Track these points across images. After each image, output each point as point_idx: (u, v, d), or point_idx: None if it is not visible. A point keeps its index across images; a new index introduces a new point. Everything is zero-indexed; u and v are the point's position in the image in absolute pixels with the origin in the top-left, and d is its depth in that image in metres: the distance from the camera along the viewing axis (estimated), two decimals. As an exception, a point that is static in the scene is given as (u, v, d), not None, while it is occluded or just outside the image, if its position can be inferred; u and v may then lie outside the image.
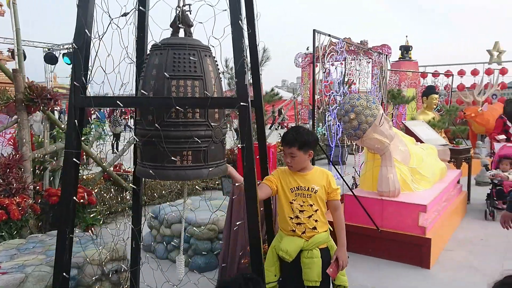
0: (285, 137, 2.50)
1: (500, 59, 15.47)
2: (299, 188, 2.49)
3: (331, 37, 4.80)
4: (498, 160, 5.90)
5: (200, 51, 2.12)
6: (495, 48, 15.56)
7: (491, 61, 15.43)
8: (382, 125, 4.36)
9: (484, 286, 3.75)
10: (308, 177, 2.52)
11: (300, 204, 2.48)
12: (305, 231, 2.47)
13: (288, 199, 2.50)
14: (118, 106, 1.89)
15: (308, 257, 2.45)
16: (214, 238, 4.12)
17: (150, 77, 2.08)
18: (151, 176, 2.11)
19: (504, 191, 5.61)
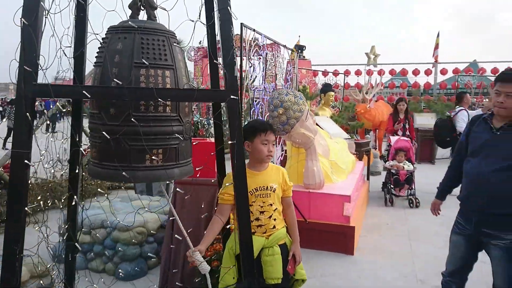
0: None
1: (376, 61, 17.32)
2: (258, 189, 2.38)
3: (255, 32, 4.80)
4: (395, 152, 6.59)
5: (169, 37, 1.91)
6: (372, 51, 17.35)
7: (368, 63, 17.20)
8: (307, 120, 4.51)
9: (401, 266, 4.13)
10: (265, 175, 2.43)
11: (260, 205, 2.39)
12: (266, 231, 2.41)
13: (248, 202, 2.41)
14: (83, 97, 1.59)
15: (269, 255, 2.39)
16: (143, 241, 3.81)
17: (111, 65, 1.80)
18: (114, 178, 1.83)
19: (400, 180, 6.31)
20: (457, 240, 2.77)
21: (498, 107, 2.45)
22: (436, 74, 15.46)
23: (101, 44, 1.91)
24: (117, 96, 1.63)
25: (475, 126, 2.67)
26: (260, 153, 2.36)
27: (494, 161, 2.46)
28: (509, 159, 2.42)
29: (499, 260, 2.54)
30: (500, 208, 2.47)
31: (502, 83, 2.44)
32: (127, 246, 3.72)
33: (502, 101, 2.42)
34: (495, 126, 2.51)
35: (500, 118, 2.51)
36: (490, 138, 2.51)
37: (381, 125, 11.06)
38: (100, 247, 3.84)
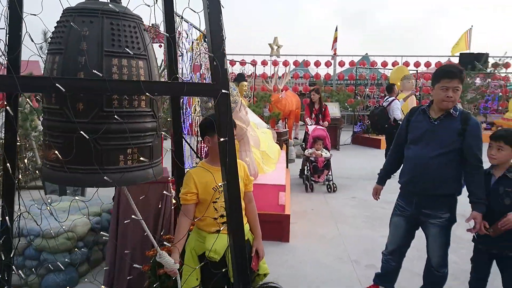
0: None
1: (278, 52, 17.91)
2: (221, 185, 2.33)
3: (183, 19, 4.58)
4: (313, 141, 6.91)
5: (139, 23, 1.71)
6: (275, 42, 17.89)
7: (272, 54, 17.72)
8: (241, 112, 4.49)
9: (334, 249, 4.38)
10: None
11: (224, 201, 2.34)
12: None
13: (211, 199, 2.34)
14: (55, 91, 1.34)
15: None
16: (72, 248, 3.43)
17: (76, 53, 1.55)
18: (83, 183, 1.60)
19: (319, 166, 6.66)
20: (398, 221, 3.02)
21: (447, 101, 2.70)
22: (335, 66, 16.56)
23: (56, 28, 1.64)
24: (98, 90, 1.41)
25: (414, 116, 2.93)
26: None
27: (434, 148, 2.73)
28: (446, 146, 2.72)
29: (436, 236, 2.85)
30: (439, 190, 2.76)
31: (450, 80, 2.68)
32: (54, 254, 3.32)
33: (451, 95, 2.67)
34: (433, 117, 2.79)
35: (437, 110, 2.79)
36: (429, 128, 2.78)
37: (290, 114, 11.53)
38: (19, 259, 3.37)
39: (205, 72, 5.96)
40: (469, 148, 2.68)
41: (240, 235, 1.66)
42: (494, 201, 2.64)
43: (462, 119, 2.71)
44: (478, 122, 2.74)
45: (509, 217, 2.54)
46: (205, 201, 2.34)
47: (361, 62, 16.66)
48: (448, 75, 2.69)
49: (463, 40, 17.85)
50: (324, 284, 3.51)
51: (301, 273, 3.73)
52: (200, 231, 2.41)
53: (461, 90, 2.71)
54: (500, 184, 2.64)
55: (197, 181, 2.32)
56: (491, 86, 14.97)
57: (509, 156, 2.63)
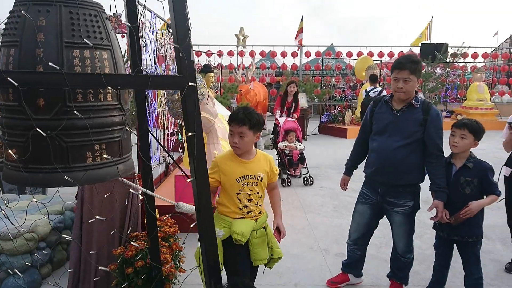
0: (236, 116, 2.32)
1: (245, 42, 17.80)
2: (245, 177, 2.38)
3: (145, 8, 4.43)
4: (285, 133, 6.80)
5: (100, 12, 1.61)
6: (241, 33, 17.76)
7: (238, 44, 17.59)
8: (208, 104, 4.42)
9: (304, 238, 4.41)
10: (253, 164, 2.42)
11: (247, 193, 2.39)
12: (255, 216, 2.43)
13: (234, 190, 2.37)
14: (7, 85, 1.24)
15: (257, 237, 2.41)
16: (34, 249, 3.28)
17: (33, 45, 1.44)
18: (49, 183, 1.51)
19: (294, 159, 6.59)
20: (362, 209, 3.08)
21: (399, 92, 2.75)
22: (301, 56, 16.64)
23: (9, 18, 1.52)
24: (56, 84, 1.32)
25: (377, 107, 2.96)
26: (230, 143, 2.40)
27: (397, 139, 2.79)
28: (409, 136, 2.78)
29: (401, 223, 2.93)
30: (403, 179, 2.83)
31: (399, 70, 2.73)
32: (14, 257, 3.15)
33: (401, 86, 2.72)
34: (396, 108, 2.83)
35: (399, 101, 2.83)
36: (392, 119, 2.83)
37: (258, 105, 11.51)
38: (-22, 262, 3.18)
39: (170, 64, 5.82)
40: (430, 138, 2.75)
41: (210, 232, 1.61)
42: (455, 191, 2.72)
43: (424, 109, 2.75)
44: (439, 112, 2.81)
45: (471, 206, 2.64)
46: (228, 189, 2.39)
47: (326, 52, 16.86)
48: (397, 66, 2.73)
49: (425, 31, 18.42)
50: (295, 275, 3.54)
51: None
52: (224, 217, 2.43)
53: (415, 80, 2.72)
54: (460, 174, 2.72)
55: (222, 167, 2.39)
56: (451, 76, 15.54)
57: (470, 145, 2.71)
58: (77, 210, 2.84)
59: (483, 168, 2.70)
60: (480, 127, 2.73)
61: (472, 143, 2.72)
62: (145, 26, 4.47)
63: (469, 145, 2.72)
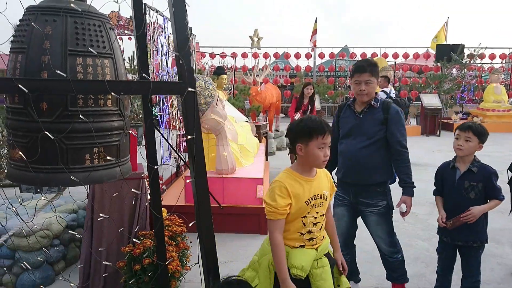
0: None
1: (259, 44, 17.90)
2: (314, 198, 2.06)
3: (158, 13, 4.55)
4: None
5: (104, 22, 1.70)
6: (255, 34, 17.87)
7: (252, 46, 17.70)
8: (217, 106, 4.50)
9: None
10: (318, 181, 2.11)
11: (314, 217, 2.06)
12: (316, 243, 2.09)
13: (301, 214, 2.03)
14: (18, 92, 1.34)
15: (319, 267, 2.08)
16: (48, 246, 3.41)
17: (39, 52, 1.54)
18: (48, 182, 1.60)
19: None
20: (340, 211, 3.09)
21: (361, 94, 2.83)
22: (315, 58, 16.64)
23: (19, 26, 1.62)
24: (61, 90, 1.41)
25: (342, 112, 3.05)
26: (317, 159, 2.01)
27: (361, 140, 2.86)
28: (372, 136, 2.84)
29: (377, 224, 2.97)
30: (372, 179, 2.88)
31: (360, 73, 2.81)
32: (29, 253, 3.29)
33: (363, 88, 2.80)
34: (358, 110, 2.91)
35: (360, 103, 2.91)
36: (355, 121, 2.90)
37: (271, 107, 11.57)
38: (-5, 259, 3.33)
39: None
40: (392, 136, 2.81)
41: (208, 231, 1.68)
42: (460, 195, 2.70)
43: (384, 108, 2.83)
44: (398, 110, 2.87)
45: (472, 211, 2.62)
46: (295, 214, 2.03)
47: (340, 54, 16.81)
48: (358, 69, 2.82)
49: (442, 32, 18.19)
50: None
51: (278, 264, 3.79)
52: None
53: (375, 82, 2.81)
54: (465, 178, 2.70)
55: (290, 191, 2.00)
56: (467, 77, 15.31)
57: (474, 148, 2.70)
58: (88, 209, 2.95)
59: (487, 172, 2.68)
60: (484, 130, 2.71)
61: (477, 146, 2.70)
62: (157, 31, 4.58)
63: (474, 148, 2.71)
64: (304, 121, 2.04)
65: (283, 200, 1.96)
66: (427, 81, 15.00)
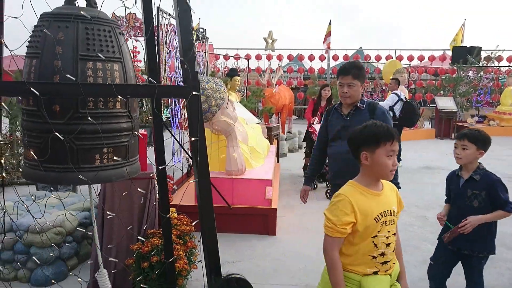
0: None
1: (273, 46, 17.94)
2: (384, 214, 1.82)
3: (171, 16, 4.64)
4: None
5: (114, 27, 1.78)
6: (269, 36, 17.93)
7: (266, 48, 17.75)
8: (228, 108, 4.56)
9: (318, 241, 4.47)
10: (385, 196, 1.88)
11: (386, 236, 1.82)
12: (390, 268, 1.87)
13: (371, 233, 1.80)
14: (30, 95, 1.42)
15: None
16: (61, 242, 3.52)
17: (52, 56, 1.62)
18: (60, 181, 1.68)
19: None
20: None
21: (344, 97, 2.86)
22: (329, 60, 16.60)
23: (33, 32, 1.71)
24: (70, 93, 1.49)
25: (330, 116, 3.06)
26: (384, 168, 1.81)
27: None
28: None
29: None
30: None
31: (343, 76, 2.84)
32: (43, 249, 3.40)
33: (346, 91, 2.82)
34: (344, 113, 2.94)
35: (346, 106, 2.93)
36: (342, 124, 2.92)
37: (283, 108, 11.60)
38: (9, 253, 3.45)
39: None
40: None
41: (211, 231, 1.74)
42: (463, 204, 2.66)
43: (370, 110, 2.83)
44: (384, 109, 2.87)
45: (470, 219, 2.55)
46: (363, 234, 1.80)
47: (355, 56, 16.74)
48: (341, 72, 2.84)
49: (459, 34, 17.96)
50: (307, 276, 3.61)
51: (284, 265, 3.83)
52: (349, 273, 1.84)
53: (359, 85, 2.82)
54: (467, 186, 2.66)
55: (356, 207, 1.78)
56: (484, 80, 15.07)
57: (474, 155, 2.64)
58: (99, 207, 3.04)
59: (490, 180, 2.61)
60: (482, 135, 2.65)
61: (476, 152, 2.64)
62: (170, 34, 4.67)
63: (472, 155, 2.65)
64: (369, 127, 1.87)
65: (345, 217, 1.76)
66: (442, 84, 14.82)
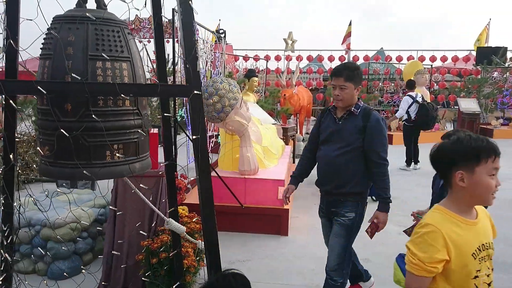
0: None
1: (293, 47, 17.91)
2: (482, 248, 1.51)
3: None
4: None
5: (123, 28, 1.84)
6: (289, 37, 17.90)
7: (286, 49, 17.73)
8: (241, 108, 4.60)
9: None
10: (482, 224, 1.56)
11: (487, 274, 1.52)
12: None
13: (470, 274, 1.48)
14: (38, 94, 1.48)
15: None
16: (76, 238, 3.63)
17: (62, 57, 1.68)
18: (73, 177, 1.75)
19: None
20: (323, 222, 2.97)
21: (336, 99, 2.69)
22: (349, 60, 16.45)
23: (47, 34, 1.78)
24: (76, 92, 1.55)
25: (323, 117, 2.89)
26: (487, 190, 1.46)
27: (339, 146, 2.71)
28: (349, 144, 2.68)
29: (336, 234, 2.76)
30: (344, 187, 2.71)
31: (336, 78, 2.67)
32: (58, 244, 3.51)
33: (338, 93, 2.66)
34: (337, 116, 2.76)
35: (340, 109, 2.76)
36: (334, 127, 2.75)
37: (302, 109, 11.57)
38: (28, 247, 3.58)
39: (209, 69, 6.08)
40: (369, 145, 2.65)
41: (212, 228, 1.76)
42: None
43: (363, 116, 2.66)
44: (379, 118, 2.68)
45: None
46: (459, 274, 1.48)
47: (375, 56, 16.54)
48: (334, 73, 2.69)
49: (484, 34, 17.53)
50: (318, 277, 3.60)
51: (296, 265, 3.83)
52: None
53: (353, 88, 2.64)
54: (444, 189, 2.64)
55: (449, 241, 1.45)
56: (509, 81, 14.65)
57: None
58: (111, 203, 3.12)
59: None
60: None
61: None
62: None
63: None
64: (463, 140, 1.48)
65: (436, 253, 1.43)
66: (466, 85, 14.48)
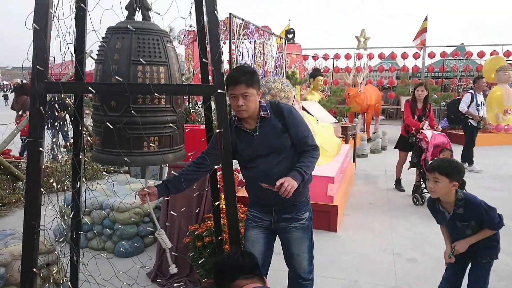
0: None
1: (366, 45, 17.48)
2: None
3: (244, 21, 4.99)
4: (440, 151, 5.45)
5: (162, 36, 2.13)
6: (362, 35, 17.48)
7: (358, 47, 17.36)
8: (294, 107, 4.76)
9: (379, 241, 4.44)
10: None
11: None
12: None
13: None
14: (88, 93, 1.82)
15: None
16: (139, 222, 4.08)
17: (111, 62, 2.02)
18: (116, 162, 2.08)
19: None
20: (254, 234, 2.61)
21: (240, 111, 2.31)
22: (424, 57, 15.70)
23: (101, 43, 2.13)
24: (118, 91, 1.86)
25: (233, 136, 2.42)
26: None
27: (271, 157, 2.43)
28: (281, 150, 2.43)
29: (301, 239, 2.57)
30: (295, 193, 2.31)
31: (234, 86, 2.26)
32: (125, 226, 3.99)
33: (241, 103, 2.27)
34: (250, 129, 2.42)
35: (249, 120, 2.42)
36: (254, 142, 2.41)
37: (369, 109, 11.36)
38: (100, 227, 4.11)
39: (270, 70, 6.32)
40: (296, 136, 2.41)
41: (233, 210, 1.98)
42: (457, 234, 2.62)
43: (276, 114, 2.43)
44: (290, 108, 2.47)
45: (457, 247, 2.58)
46: None
47: (454, 52, 15.58)
48: (231, 81, 2.27)
49: None
50: (358, 272, 3.66)
51: (338, 260, 3.92)
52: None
53: (255, 93, 2.30)
54: (454, 219, 2.57)
55: None
56: None
57: (447, 188, 2.48)
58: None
59: (474, 208, 2.48)
60: (453, 166, 2.47)
61: (450, 185, 2.47)
62: (242, 37, 5.03)
63: (445, 188, 2.48)
64: None
65: None
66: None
